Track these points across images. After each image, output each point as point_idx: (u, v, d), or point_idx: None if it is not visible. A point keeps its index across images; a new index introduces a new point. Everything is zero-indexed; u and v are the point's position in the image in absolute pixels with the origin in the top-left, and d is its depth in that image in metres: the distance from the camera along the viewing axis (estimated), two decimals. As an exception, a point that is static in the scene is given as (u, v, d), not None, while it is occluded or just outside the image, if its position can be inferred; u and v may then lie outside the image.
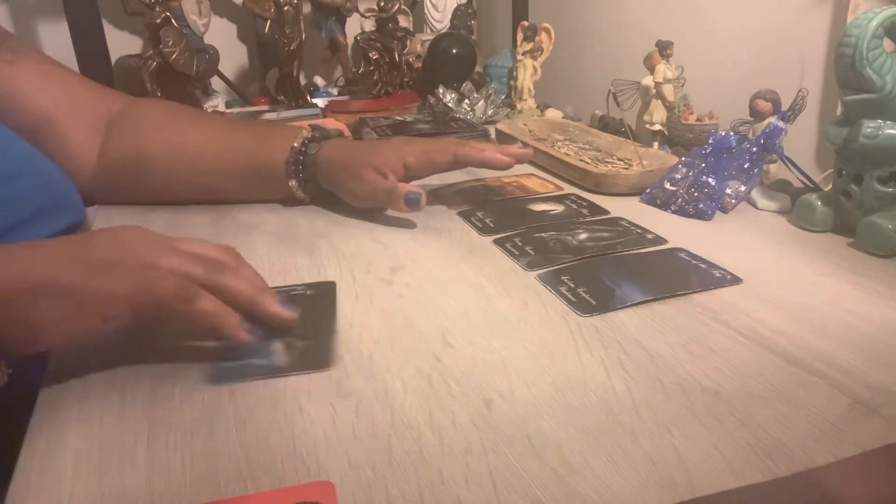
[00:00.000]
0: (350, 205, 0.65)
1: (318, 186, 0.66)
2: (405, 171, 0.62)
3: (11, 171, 0.52)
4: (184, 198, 0.67)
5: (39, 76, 0.64)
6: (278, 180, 0.65)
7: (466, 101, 1.08)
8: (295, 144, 0.64)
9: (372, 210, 0.65)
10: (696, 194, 0.64)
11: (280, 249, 0.58)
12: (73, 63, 0.91)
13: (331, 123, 1.01)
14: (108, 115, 0.67)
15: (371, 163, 0.61)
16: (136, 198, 0.68)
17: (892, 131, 0.52)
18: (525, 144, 0.66)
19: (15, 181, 0.52)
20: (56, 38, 1.13)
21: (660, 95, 0.85)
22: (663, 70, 0.84)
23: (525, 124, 0.95)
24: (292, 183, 0.65)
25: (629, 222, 0.62)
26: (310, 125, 0.67)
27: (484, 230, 0.61)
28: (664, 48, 0.84)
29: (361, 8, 1.25)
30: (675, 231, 0.59)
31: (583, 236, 0.58)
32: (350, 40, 1.28)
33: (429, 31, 1.37)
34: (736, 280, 0.49)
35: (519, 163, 0.64)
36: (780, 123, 0.64)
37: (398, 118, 1.02)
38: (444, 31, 1.32)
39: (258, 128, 0.73)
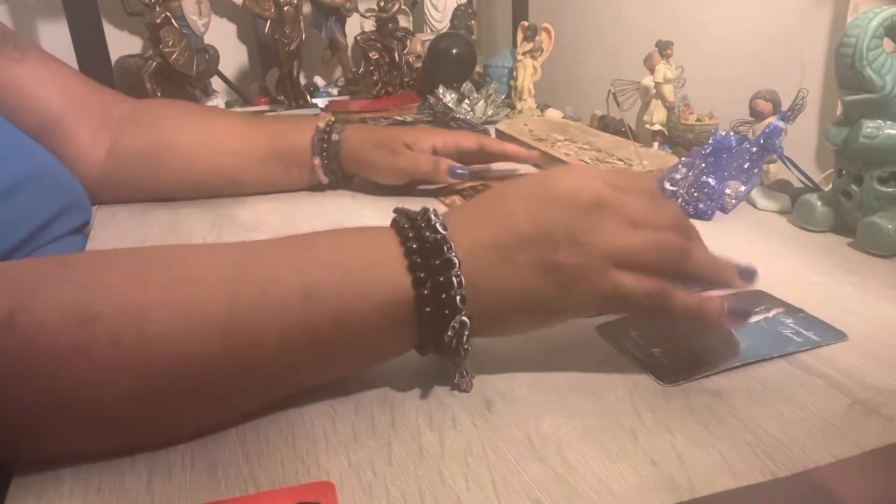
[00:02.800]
0: (351, 206, 0.65)
1: (339, 168, 0.68)
2: (433, 154, 0.67)
3: (31, 176, 0.53)
4: (202, 186, 0.68)
5: (47, 75, 0.64)
6: (301, 162, 0.67)
7: (466, 101, 1.08)
8: (320, 125, 0.68)
9: (373, 212, 0.65)
10: (696, 194, 0.64)
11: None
12: (72, 63, 0.91)
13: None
14: (116, 115, 0.67)
15: (405, 140, 0.67)
16: (149, 190, 0.68)
17: (892, 131, 0.52)
18: (529, 148, 0.75)
19: (35, 185, 0.53)
20: (56, 38, 1.13)
21: (660, 95, 0.85)
22: (663, 70, 0.84)
23: (525, 124, 0.95)
24: (316, 161, 0.67)
25: (629, 222, 0.61)
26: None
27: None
28: (664, 48, 0.84)
29: (361, 8, 1.25)
30: (675, 231, 0.59)
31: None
32: (350, 40, 1.28)
33: (429, 31, 1.37)
34: (736, 280, 0.49)
35: (528, 161, 0.74)
36: (780, 123, 0.64)
37: (398, 118, 1.02)
38: (444, 31, 1.32)
39: (278, 117, 0.76)
